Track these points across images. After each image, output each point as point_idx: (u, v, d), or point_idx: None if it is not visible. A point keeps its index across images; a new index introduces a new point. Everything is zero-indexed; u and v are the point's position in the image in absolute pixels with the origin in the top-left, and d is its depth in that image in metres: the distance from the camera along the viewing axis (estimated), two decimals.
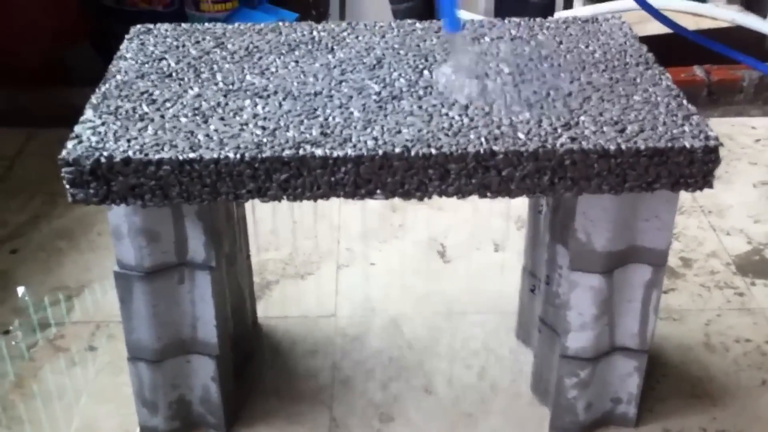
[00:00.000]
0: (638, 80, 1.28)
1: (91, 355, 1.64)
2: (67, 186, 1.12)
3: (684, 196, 1.87)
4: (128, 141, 1.13)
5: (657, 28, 2.44)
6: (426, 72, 1.30)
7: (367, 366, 1.60)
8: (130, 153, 1.11)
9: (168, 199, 1.14)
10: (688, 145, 1.12)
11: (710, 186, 1.15)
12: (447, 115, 1.19)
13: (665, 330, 1.66)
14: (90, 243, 1.96)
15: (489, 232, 1.98)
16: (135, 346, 1.37)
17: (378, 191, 1.14)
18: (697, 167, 1.13)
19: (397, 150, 1.11)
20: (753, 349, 1.63)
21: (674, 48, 2.45)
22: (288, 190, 1.13)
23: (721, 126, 2.43)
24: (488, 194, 1.14)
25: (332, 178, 1.12)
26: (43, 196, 2.11)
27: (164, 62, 1.34)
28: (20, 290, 1.82)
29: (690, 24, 2.65)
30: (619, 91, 1.24)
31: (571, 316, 1.34)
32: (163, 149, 1.12)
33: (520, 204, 2.01)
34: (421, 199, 1.15)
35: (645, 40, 1.40)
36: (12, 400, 1.54)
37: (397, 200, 2.04)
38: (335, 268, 1.86)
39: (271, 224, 2.00)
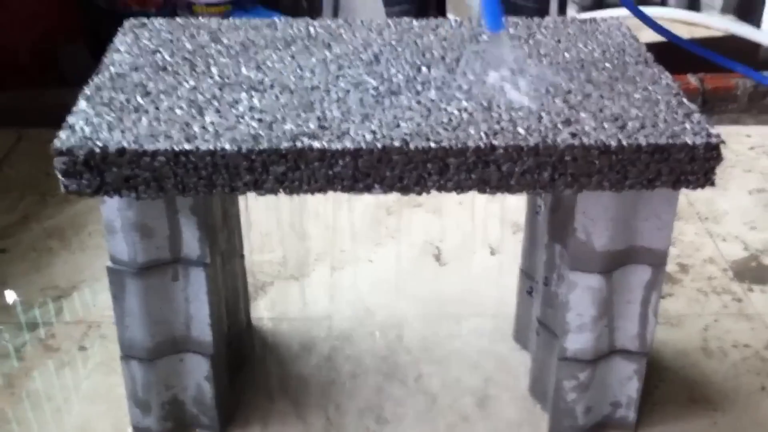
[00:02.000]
0: (638, 78, 1.27)
1: (82, 355, 1.62)
2: (60, 176, 1.10)
3: (680, 202, 1.86)
4: (122, 132, 1.11)
5: (651, 36, 2.44)
6: (424, 68, 1.29)
7: (363, 368, 1.58)
8: (125, 143, 1.09)
9: (163, 191, 1.12)
10: (689, 142, 1.10)
11: (712, 184, 1.13)
12: (446, 110, 1.17)
13: (663, 335, 1.64)
14: (81, 243, 1.94)
15: (484, 236, 1.96)
16: (128, 344, 1.34)
17: (376, 185, 1.12)
18: (698, 164, 1.11)
19: (396, 143, 1.09)
20: (751, 355, 1.61)
21: (668, 56, 2.45)
22: (285, 183, 1.11)
23: None
24: (487, 189, 1.13)
25: (330, 171, 1.11)
26: (33, 196, 2.08)
27: (158, 55, 1.32)
28: (9, 290, 1.79)
29: (684, 33, 2.65)
30: (619, 89, 1.23)
31: (570, 317, 1.32)
32: (158, 140, 1.10)
33: (515, 208, 2.00)
34: (419, 194, 1.13)
35: None
36: (1, 401, 1.51)
37: (391, 203, 2.06)
38: (330, 270, 1.84)
39: (264, 226, 1.98)
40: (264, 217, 2.00)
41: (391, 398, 1.51)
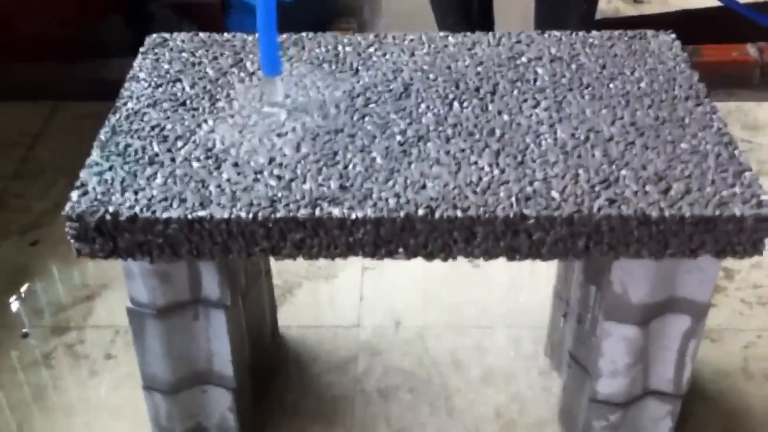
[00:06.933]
0: (687, 120, 1.17)
1: (110, 364, 1.61)
2: (72, 241, 1.07)
3: None
4: (135, 192, 1.07)
5: (710, 1, 2.28)
6: (456, 104, 1.21)
7: (390, 383, 1.55)
8: (137, 209, 1.05)
9: (177, 257, 1.08)
10: (737, 213, 1.02)
11: (759, 253, 1.05)
12: (476, 164, 1.10)
13: (702, 352, 1.58)
14: None
15: None
16: (150, 378, 1.33)
17: (400, 251, 1.06)
18: (746, 236, 1.04)
19: (420, 212, 1.03)
20: None
21: (727, 24, 2.30)
22: (303, 249, 1.07)
23: None
24: (517, 257, 1.07)
25: (350, 239, 1.05)
26: (66, 180, 2.03)
27: (179, 85, 1.26)
28: (38, 287, 1.78)
29: None
30: (665, 136, 1.14)
31: (603, 363, 1.27)
32: (171, 205, 1.05)
33: None
34: (445, 260, 1.07)
35: (696, 13, 1.27)
36: (28, 411, 1.52)
37: None
38: (360, 271, 1.81)
39: None
40: None
41: (418, 417, 1.49)
